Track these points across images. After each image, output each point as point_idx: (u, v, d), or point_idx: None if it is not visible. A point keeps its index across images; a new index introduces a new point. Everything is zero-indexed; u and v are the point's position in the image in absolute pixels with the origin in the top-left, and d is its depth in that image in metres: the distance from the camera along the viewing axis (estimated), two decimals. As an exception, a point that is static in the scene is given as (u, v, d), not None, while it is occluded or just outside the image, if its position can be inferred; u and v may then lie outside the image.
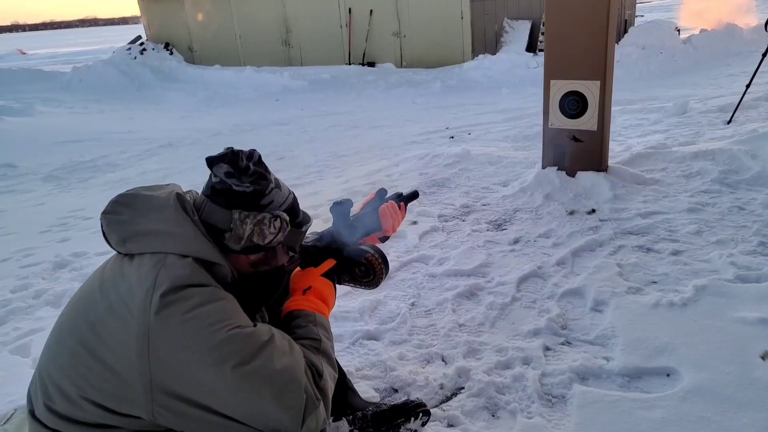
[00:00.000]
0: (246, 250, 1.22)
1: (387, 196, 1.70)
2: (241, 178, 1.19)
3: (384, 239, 1.66)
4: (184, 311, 1.04)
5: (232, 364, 1.04)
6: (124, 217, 1.16)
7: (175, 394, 1.03)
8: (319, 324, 1.32)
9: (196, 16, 14.19)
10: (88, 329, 1.07)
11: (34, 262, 3.49)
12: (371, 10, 12.04)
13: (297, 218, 1.31)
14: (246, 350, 1.06)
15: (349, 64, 12.43)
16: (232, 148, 1.22)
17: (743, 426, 1.66)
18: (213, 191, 1.21)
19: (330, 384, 1.22)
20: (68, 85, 12.90)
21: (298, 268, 1.47)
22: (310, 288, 1.39)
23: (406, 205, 1.74)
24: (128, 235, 1.14)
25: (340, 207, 1.52)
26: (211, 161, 1.21)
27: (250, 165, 1.22)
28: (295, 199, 1.32)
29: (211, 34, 14.13)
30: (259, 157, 1.26)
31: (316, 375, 1.18)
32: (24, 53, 29.73)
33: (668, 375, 1.94)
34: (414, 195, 1.81)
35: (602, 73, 3.38)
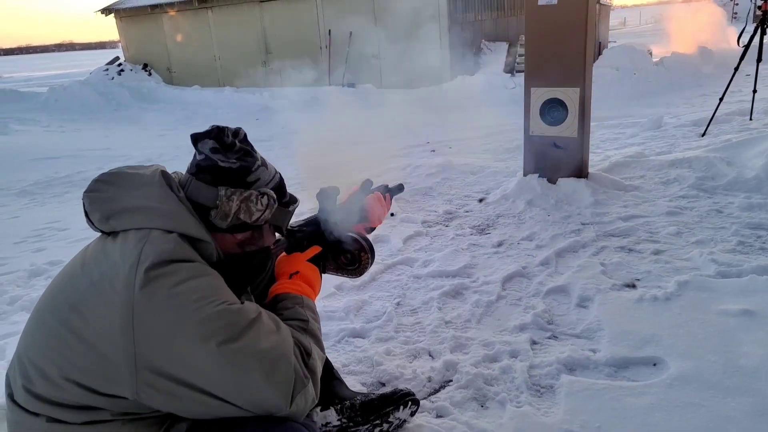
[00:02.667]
0: (233, 229, 1.20)
1: (373, 187, 1.69)
2: (227, 154, 1.18)
3: (370, 230, 1.64)
4: (169, 286, 1.01)
5: (219, 340, 1.00)
6: (108, 194, 1.13)
7: (160, 371, 0.99)
8: (306, 306, 1.30)
9: (175, 38, 14.22)
10: (70, 309, 1.03)
11: (9, 270, 3.38)
12: (350, 32, 12.20)
13: (284, 198, 1.29)
14: (233, 327, 1.03)
15: (329, 85, 12.52)
16: (217, 125, 1.21)
17: (731, 410, 1.66)
18: (198, 168, 1.19)
19: (319, 364, 1.19)
20: (44, 106, 12.73)
21: (283, 254, 1.44)
22: (296, 273, 1.36)
23: (391, 198, 1.73)
24: (112, 212, 1.11)
25: (326, 194, 1.50)
26: (196, 138, 1.19)
27: (236, 141, 1.20)
28: (281, 178, 1.31)
29: (190, 55, 14.15)
30: (245, 135, 1.25)
31: (305, 354, 1.15)
32: (-1, 76, 29.37)
33: (654, 364, 1.94)
34: (400, 188, 1.81)
35: (582, 80, 3.46)
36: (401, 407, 1.66)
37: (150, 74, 14.41)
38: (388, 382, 1.92)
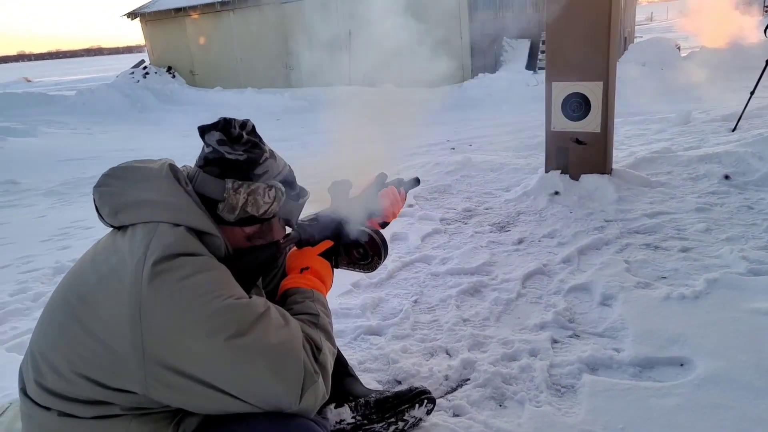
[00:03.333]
0: (241, 222, 1.18)
1: (387, 180, 1.65)
2: (233, 146, 1.16)
3: (384, 225, 1.61)
4: (177, 280, 0.99)
5: (226, 335, 0.99)
6: (116, 188, 1.13)
7: (168, 365, 0.97)
8: (317, 300, 1.27)
9: (198, 40, 14.40)
10: (80, 303, 1.03)
11: (34, 268, 3.44)
12: (371, 32, 12.18)
13: (293, 190, 1.27)
14: (241, 322, 1.01)
15: (350, 85, 12.53)
16: (224, 117, 1.20)
17: (762, 411, 1.59)
18: (206, 161, 1.17)
19: (329, 359, 1.17)
20: (72, 108, 13.03)
21: (294, 248, 1.42)
22: (307, 268, 1.33)
23: (406, 192, 1.69)
24: (120, 206, 1.10)
25: (339, 187, 1.47)
26: (203, 130, 1.18)
27: (243, 133, 1.19)
28: (291, 171, 1.28)
29: (212, 57, 14.32)
30: (253, 126, 1.23)
31: (315, 349, 1.13)
32: (30, 81, 30.14)
33: (681, 364, 1.86)
34: (415, 182, 1.77)
35: (605, 74, 3.37)
36: (417, 405, 1.62)
37: (174, 76, 14.63)
38: (404, 380, 1.88)
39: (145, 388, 0.98)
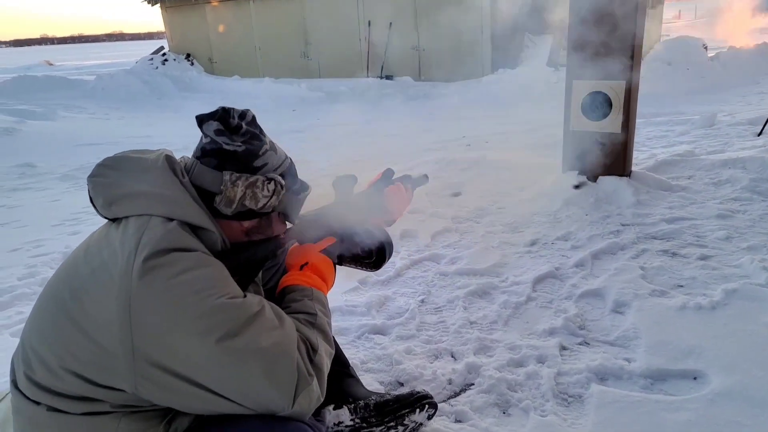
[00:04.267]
0: (239, 216, 1.14)
1: (394, 177, 1.60)
2: (232, 137, 1.12)
3: (390, 223, 1.55)
4: (168, 276, 0.96)
5: (218, 336, 0.95)
6: (110, 179, 1.09)
7: (158, 364, 0.94)
8: (316, 299, 1.22)
9: (217, 28, 14.40)
10: (70, 296, 1.00)
11: (44, 252, 3.46)
12: (390, 23, 12.09)
13: (294, 184, 1.22)
14: (233, 322, 0.97)
15: (368, 76, 12.46)
16: (223, 106, 1.15)
17: (779, 432, 1.52)
18: (203, 152, 1.14)
19: (326, 360, 1.13)
20: (91, 93, 13.11)
21: (296, 244, 1.37)
22: (307, 264, 1.29)
23: (413, 189, 1.64)
24: (114, 197, 1.07)
25: (343, 182, 1.42)
26: (201, 119, 1.14)
27: (243, 124, 1.15)
28: (292, 164, 1.24)
29: (231, 45, 14.32)
30: (253, 117, 1.19)
31: (311, 350, 1.09)
32: (51, 64, 30.46)
33: (695, 378, 1.80)
34: (423, 179, 1.71)
35: (629, 72, 3.27)
36: (417, 410, 1.57)
37: (192, 64, 14.67)
38: (406, 382, 1.84)
39: (134, 387, 0.96)
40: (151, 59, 14.65)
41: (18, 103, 11.05)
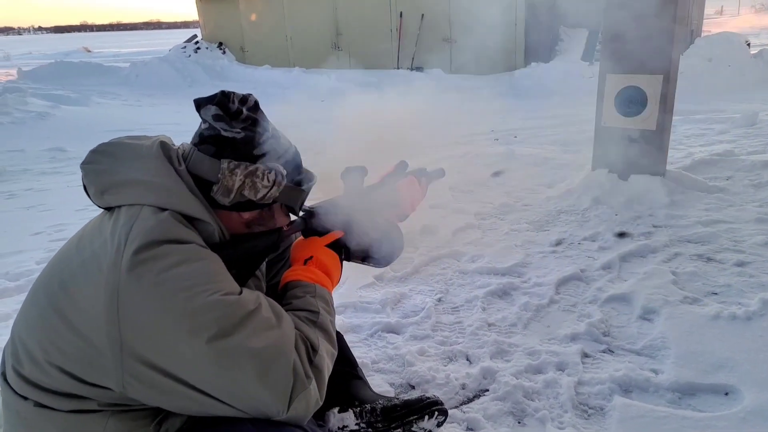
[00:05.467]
0: (238, 206, 1.08)
1: (408, 170, 1.52)
2: (231, 122, 1.06)
3: (403, 217, 1.47)
4: (158, 271, 0.90)
5: (209, 335, 0.89)
6: (103, 166, 1.04)
7: (146, 360, 0.89)
8: (319, 296, 1.15)
9: (250, 17, 14.44)
10: (60, 288, 0.95)
11: (64, 237, 3.47)
12: (422, 15, 11.92)
13: (298, 174, 1.15)
14: (226, 321, 0.91)
15: (398, 68, 12.33)
16: (223, 90, 1.09)
17: (820, 459, 1.39)
18: (201, 138, 1.08)
19: (327, 362, 1.06)
20: (125, 80, 13.32)
21: (300, 237, 1.30)
22: (311, 258, 1.22)
23: (428, 184, 1.55)
24: (106, 185, 1.02)
25: (352, 174, 1.34)
26: (199, 103, 1.07)
27: (243, 109, 1.08)
28: (297, 153, 1.17)
29: (262, 34, 14.34)
30: (256, 102, 1.12)
31: (311, 350, 1.02)
32: (89, 51, 31.15)
33: (726, 393, 1.68)
34: (439, 173, 1.62)
35: (667, 67, 3.11)
36: (426, 417, 1.50)
37: (224, 53, 14.75)
38: (417, 385, 1.77)
39: (121, 385, 0.91)
40: (184, 47, 14.80)
41: (54, 88, 11.27)
